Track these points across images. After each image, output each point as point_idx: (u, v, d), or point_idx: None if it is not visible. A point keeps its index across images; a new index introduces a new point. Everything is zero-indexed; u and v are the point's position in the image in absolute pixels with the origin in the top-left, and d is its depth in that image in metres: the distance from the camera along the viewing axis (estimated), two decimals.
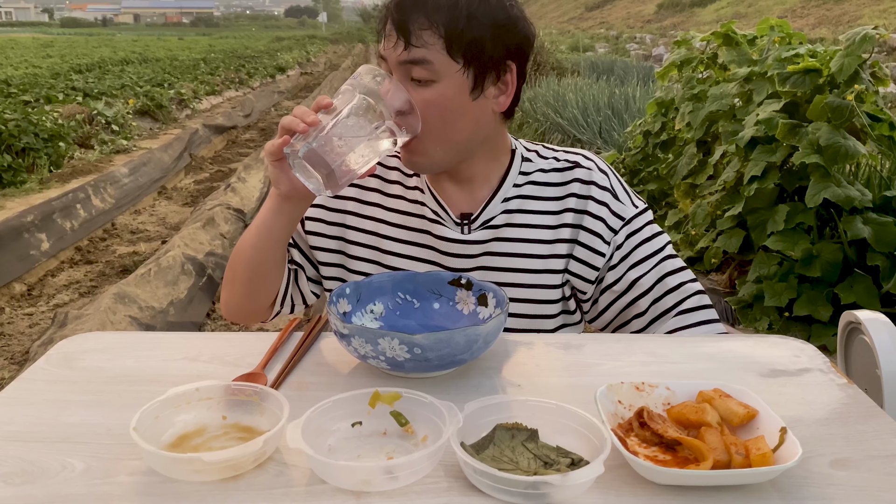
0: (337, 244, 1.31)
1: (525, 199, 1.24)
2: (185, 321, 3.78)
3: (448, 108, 1.12)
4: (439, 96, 1.11)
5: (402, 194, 1.28)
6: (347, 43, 52.09)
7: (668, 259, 1.24)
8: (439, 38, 1.08)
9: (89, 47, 30.59)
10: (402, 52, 1.09)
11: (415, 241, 1.26)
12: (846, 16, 24.52)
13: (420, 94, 1.10)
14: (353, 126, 1.02)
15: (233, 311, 1.30)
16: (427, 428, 0.80)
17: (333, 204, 1.31)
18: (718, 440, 0.76)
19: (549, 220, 1.23)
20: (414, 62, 1.09)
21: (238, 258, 1.23)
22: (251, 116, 11.97)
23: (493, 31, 1.10)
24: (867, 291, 2.96)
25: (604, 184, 1.24)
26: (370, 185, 1.30)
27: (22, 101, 9.42)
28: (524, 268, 1.23)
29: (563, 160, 1.26)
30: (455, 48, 1.09)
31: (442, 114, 1.12)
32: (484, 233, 1.23)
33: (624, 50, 21.18)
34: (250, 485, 0.74)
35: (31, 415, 0.86)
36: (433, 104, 1.11)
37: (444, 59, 1.09)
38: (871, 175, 3.45)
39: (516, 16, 1.14)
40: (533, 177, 1.25)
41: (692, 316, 1.21)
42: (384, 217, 1.28)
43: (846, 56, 3.05)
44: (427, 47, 1.09)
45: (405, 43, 1.08)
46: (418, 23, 1.08)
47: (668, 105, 4.57)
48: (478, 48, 1.10)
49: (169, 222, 5.97)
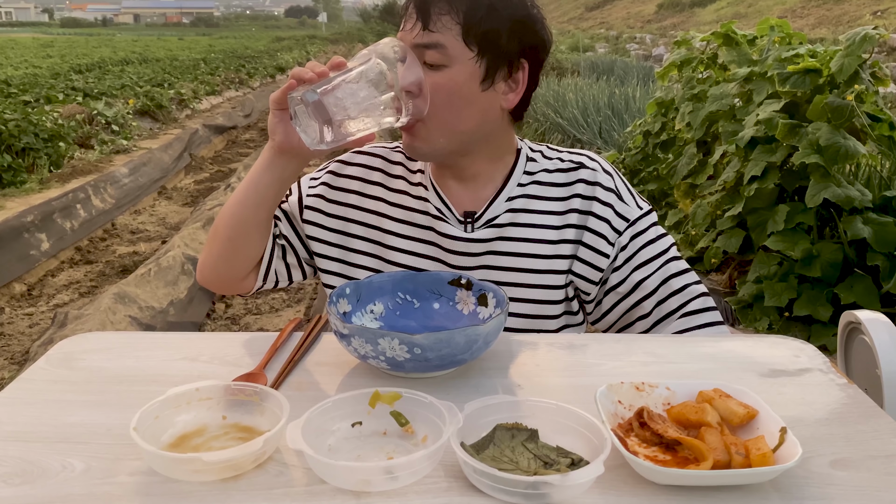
0: (338, 238, 1.30)
1: (529, 199, 1.24)
2: (185, 321, 3.78)
3: (456, 94, 1.13)
4: (449, 80, 1.12)
5: (406, 189, 1.28)
6: (347, 43, 52.04)
7: (672, 261, 1.24)
8: (457, 24, 1.10)
9: (89, 47, 30.59)
10: (419, 34, 1.11)
11: (418, 237, 1.26)
12: (846, 16, 24.52)
13: (431, 77, 1.11)
14: (361, 87, 1.03)
15: (207, 273, 1.28)
16: (427, 428, 0.80)
17: (335, 196, 1.30)
18: (718, 440, 0.76)
19: (554, 221, 1.23)
20: (428, 45, 1.10)
21: (222, 216, 1.23)
22: (251, 116, 11.97)
23: (511, 25, 1.12)
24: (867, 291, 2.96)
25: (608, 185, 1.24)
26: (373, 179, 1.30)
27: (22, 101, 9.42)
28: (527, 267, 1.23)
29: (567, 161, 1.26)
30: (471, 35, 1.10)
31: (450, 98, 1.12)
32: (487, 231, 1.23)
33: (624, 50, 21.18)
34: (250, 485, 0.74)
35: (31, 415, 0.86)
36: (442, 87, 1.12)
37: (459, 44, 1.11)
38: (871, 175, 3.45)
39: (536, 16, 1.15)
40: (537, 177, 1.25)
41: (696, 318, 1.21)
42: (387, 212, 1.28)
43: (846, 56, 3.05)
44: (443, 32, 1.10)
45: (423, 25, 1.10)
46: (438, 7, 1.10)
47: (668, 105, 4.57)
48: (493, 39, 1.11)
49: (169, 222, 5.97)
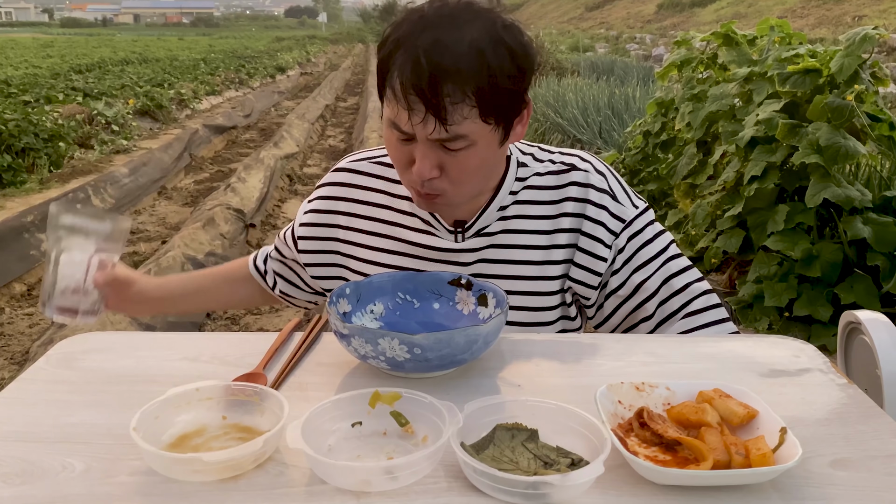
0: (332, 258, 1.30)
1: (521, 205, 1.21)
2: (185, 321, 3.77)
3: (486, 166, 1.11)
4: (475, 157, 1.06)
5: (391, 204, 1.25)
6: (347, 43, 52.14)
7: (672, 259, 1.22)
8: (472, 107, 1.01)
9: (89, 47, 30.61)
10: (436, 129, 1.01)
11: (405, 252, 1.23)
12: (846, 16, 24.52)
13: (455, 159, 1.05)
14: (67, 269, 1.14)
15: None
16: (427, 428, 0.80)
17: (322, 219, 1.30)
18: (718, 440, 0.76)
19: (545, 226, 1.21)
20: (452, 139, 1.03)
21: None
22: (251, 116, 11.97)
23: (513, 78, 1.03)
24: (867, 291, 2.96)
25: (601, 186, 1.21)
26: (359, 198, 1.28)
27: (22, 101, 9.42)
28: (519, 274, 1.20)
29: (559, 163, 1.23)
30: (487, 112, 1.03)
31: (479, 170, 1.10)
32: (478, 240, 1.20)
33: (624, 50, 21.17)
34: (250, 485, 0.74)
35: (31, 415, 0.86)
36: (470, 165, 1.07)
37: (479, 125, 1.03)
38: (871, 175, 3.45)
39: (528, 50, 1.06)
40: (529, 181, 1.22)
41: (700, 318, 1.20)
42: (375, 229, 1.26)
43: (846, 56, 3.06)
44: (462, 123, 1.02)
45: (441, 123, 1.01)
46: (450, 96, 0.99)
47: (668, 105, 4.57)
48: (505, 102, 1.04)
49: (169, 222, 5.97)
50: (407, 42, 1.01)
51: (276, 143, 8.38)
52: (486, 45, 1.00)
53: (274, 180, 6.76)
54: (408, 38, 1.01)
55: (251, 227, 5.39)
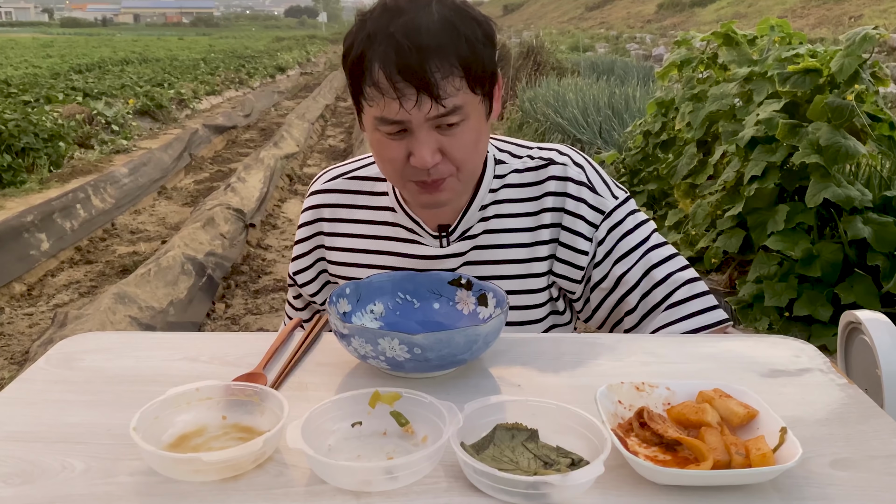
0: (326, 277, 1.32)
1: (501, 204, 1.20)
2: (185, 321, 3.78)
3: (481, 141, 1.10)
4: (471, 131, 1.07)
5: (372, 218, 1.25)
6: None
7: (653, 249, 1.20)
8: (461, 77, 1.02)
9: (89, 47, 30.59)
10: (432, 108, 1.01)
11: (392, 265, 1.23)
12: (846, 16, 24.52)
13: (453, 136, 1.05)
14: None
15: None
16: (427, 428, 0.80)
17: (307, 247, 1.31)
18: (718, 440, 0.76)
19: (527, 223, 1.20)
20: (449, 113, 1.03)
21: None
22: (251, 116, 11.97)
23: (486, 45, 1.05)
24: (867, 291, 2.97)
25: (579, 178, 1.19)
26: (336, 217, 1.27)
27: (22, 101, 9.43)
28: (504, 274, 1.20)
29: (536, 158, 1.22)
30: (474, 81, 1.04)
31: (476, 145, 1.09)
32: (462, 244, 1.20)
33: (624, 50, 21.16)
34: (250, 485, 0.74)
35: (31, 415, 0.86)
36: (468, 141, 1.07)
37: (470, 95, 1.04)
38: (871, 175, 3.45)
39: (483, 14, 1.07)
40: (507, 179, 1.21)
41: (682, 308, 1.18)
42: (357, 245, 1.26)
43: (846, 56, 3.05)
44: (455, 94, 1.02)
45: (435, 99, 1.00)
46: (440, 71, 1.00)
47: (668, 105, 4.57)
48: (485, 70, 1.05)
49: (169, 222, 5.97)
50: (379, 34, 1.01)
51: (276, 143, 8.39)
52: (455, 18, 1.02)
53: (274, 180, 6.76)
54: (379, 31, 1.01)
55: (251, 226, 5.40)
